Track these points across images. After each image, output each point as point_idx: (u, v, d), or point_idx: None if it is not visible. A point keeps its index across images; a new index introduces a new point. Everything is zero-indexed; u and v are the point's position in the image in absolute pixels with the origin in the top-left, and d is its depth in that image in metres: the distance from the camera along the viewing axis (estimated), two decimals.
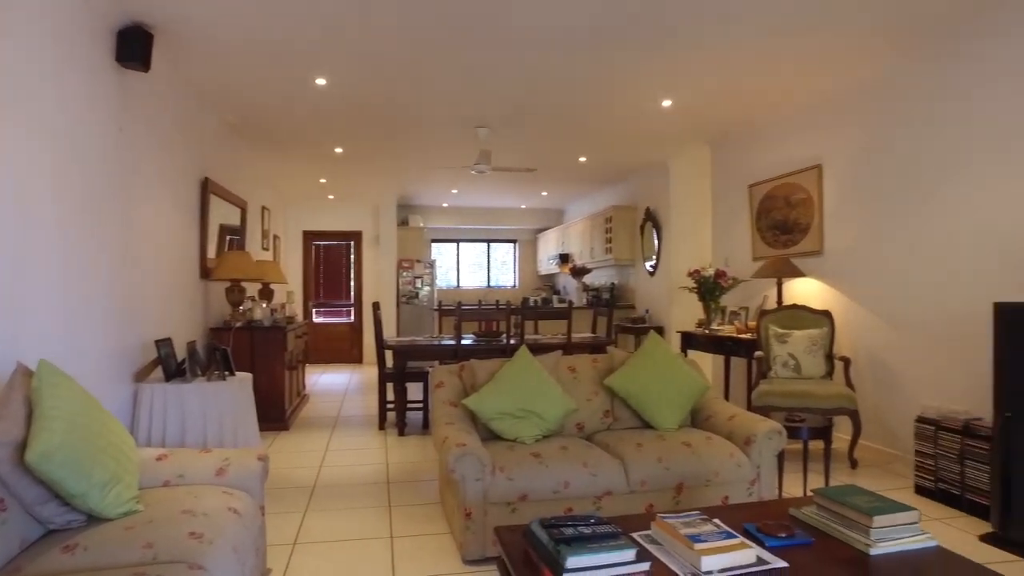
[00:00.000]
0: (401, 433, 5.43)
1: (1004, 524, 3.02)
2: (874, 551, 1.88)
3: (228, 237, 6.10)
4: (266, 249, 8.44)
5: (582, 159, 7.66)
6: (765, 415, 3.71)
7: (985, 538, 3.10)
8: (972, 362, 3.73)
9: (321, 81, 4.72)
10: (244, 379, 4.11)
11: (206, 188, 5.23)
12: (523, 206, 11.88)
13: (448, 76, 4.65)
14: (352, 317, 11.03)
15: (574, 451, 3.09)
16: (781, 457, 3.37)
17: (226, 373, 4.03)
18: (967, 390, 3.77)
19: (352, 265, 11.04)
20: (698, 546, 1.77)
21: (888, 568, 1.82)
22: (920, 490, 3.76)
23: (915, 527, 1.95)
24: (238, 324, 5.40)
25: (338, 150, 7.07)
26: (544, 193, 10.32)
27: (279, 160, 7.56)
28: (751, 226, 5.98)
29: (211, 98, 5.14)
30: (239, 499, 2.31)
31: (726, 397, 6.11)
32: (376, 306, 5.82)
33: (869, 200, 4.60)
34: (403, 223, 11.18)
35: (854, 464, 4.35)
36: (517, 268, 12.85)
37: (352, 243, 11.01)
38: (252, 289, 6.71)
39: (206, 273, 5.25)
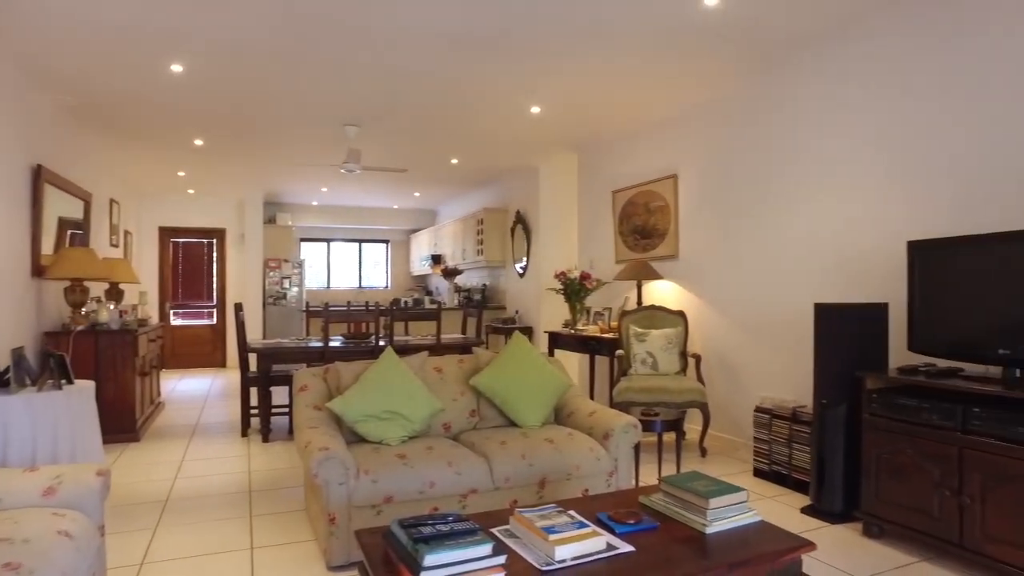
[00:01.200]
0: (265, 439, 5.22)
1: (819, 497, 3.43)
2: (709, 530, 2.07)
3: (69, 232, 5.57)
4: (115, 246, 7.78)
5: (454, 161, 7.72)
6: (625, 410, 3.94)
7: (805, 510, 3.49)
8: (802, 357, 4.18)
9: (177, 68, 4.43)
10: (85, 388, 3.77)
11: (39, 176, 4.75)
12: (395, 206, 11.76)
13: (314, 71, 4.53)
14: (215, 319, 10.41)
15: (440, 451, 3.13)
16: (637, 449, 3.59)
17: (62, 382, 3.69)
18: (798, 382, 4.21)
19: (215, 264, 10.41)
20: (552, 537, 1.87)
21: (719, 543, 2.01)
22: (758, 472, 4.16)
23: (744, 506, 2.16)
24: (80, 327, 4.95)
25: (198, 142, 6.65)
26: (416, 194, 10.28)
27: (131, 150, 6.99)
28: (614, 230, 6.30)
29: (44, 77, 4.66)
30: (72, 520, 2.13)
31: (591, 394, 6.40)
32: (239, 307, 5.54)
33: (717, 209, 5.01)
34: (270, 221, 10.70)
35: (704, 452, 4.71)
36: (390, 269, 12.70)
37: (215, 241, 10.39)
38: (98, 289, 6.17)
39: (39, 271, 4.76)
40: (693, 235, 5.29)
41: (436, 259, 10.72)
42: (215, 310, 10.41)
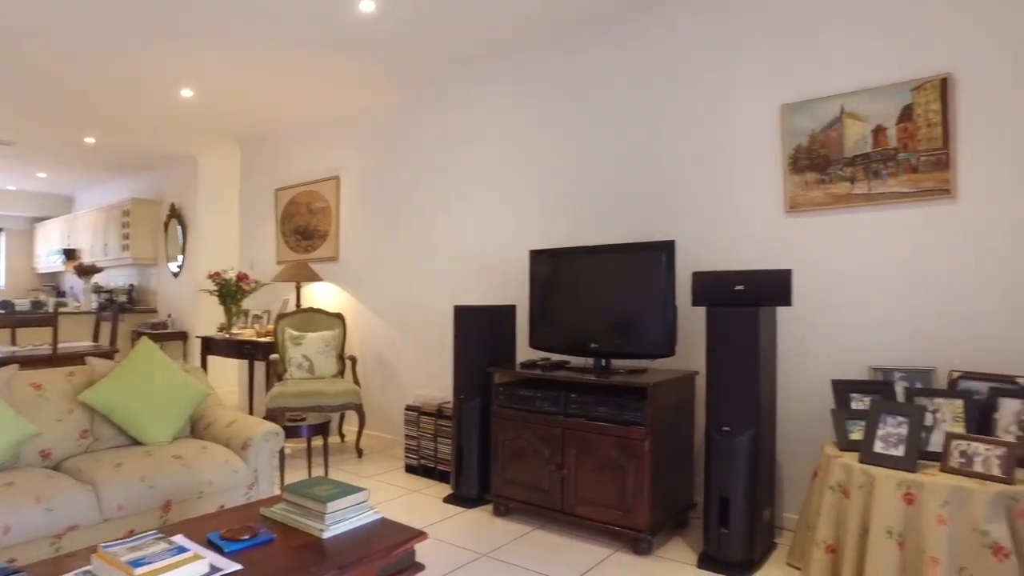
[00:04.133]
0: None
1: (458, 485, 3.71)
2: (327, 534, 2.06)
3: None
4: None
5: (90, 140, 6.59)
6: (279, 416, 3.76)
7: (447, 499, 3.75)
8: (449, 356, 4.49)
9: None
10: None
11: None
12: (12, 187, 9.62)
13: None
14: None
15: (24, 485, 2.59)
16: (282, 457, 3.46)
17: None
18: (445, 380, 4.51)
19: None
20: (139, 571, 1.66)
21: (335, 546, 2.01)
22: (409, 468, 4.33)
23: (364, 506, 2.20)
24: None
25: None
26: (42, 175, 8.55)
27: None
28: (276, 230, 6.03)
29: None
30: None
31: (251, 403, 6.02)
32: None
33: (375, 213, 5.12)
34: None
35: (360, 453, 4.76)
36: (5, 264, 10.35)
37: None
38: None
39: None
40: (353, 238, 5.33)
41: (69, 254, 9.05)
42: None
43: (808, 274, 3.13)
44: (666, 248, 3.16)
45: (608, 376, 3.17)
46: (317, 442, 4.84)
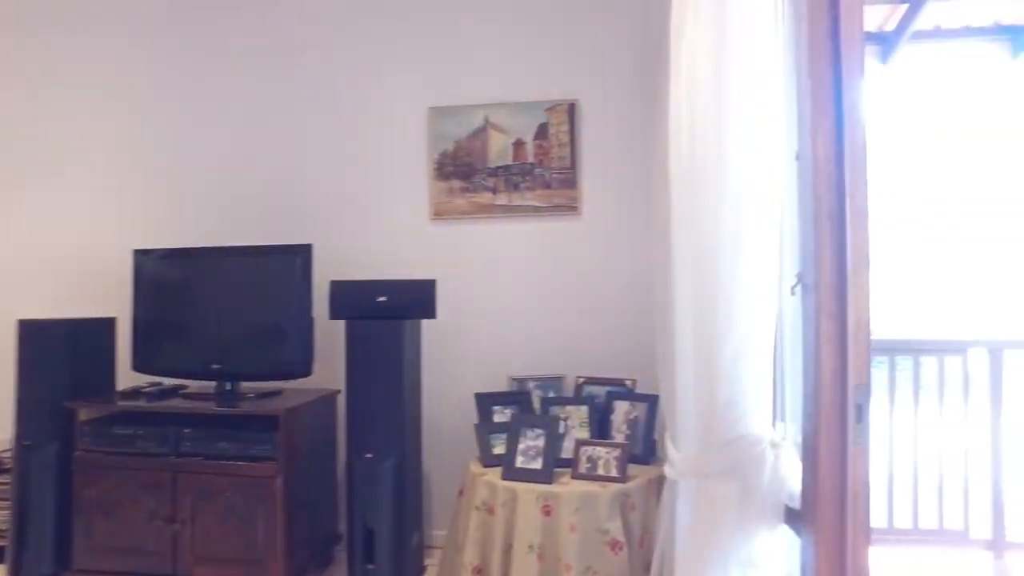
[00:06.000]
0: None
1: (21, 564, 2.74)
2: None
3: None
4: None
5: None
6: None
7: None
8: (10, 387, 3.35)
9: None
10: None
11: None
12: None
13: None
14: None
15: None
16: None
17: None
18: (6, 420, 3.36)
19: None
20: None
21: None
22: None
23: None
24: None
25: None
26: None
27: None
28: None
29: None
30: None
31: None
32: None
33: None
34: None
35: None
36: None
37: None
38: None
39: None
40: None
41: None
42: None
43: (453, 284, 3.05)
44: (302, 252, 2.77)
45: (233, 403, 2.66)
46: None
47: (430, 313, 2.64)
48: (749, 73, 1.68)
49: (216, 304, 2.81)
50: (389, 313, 2.58)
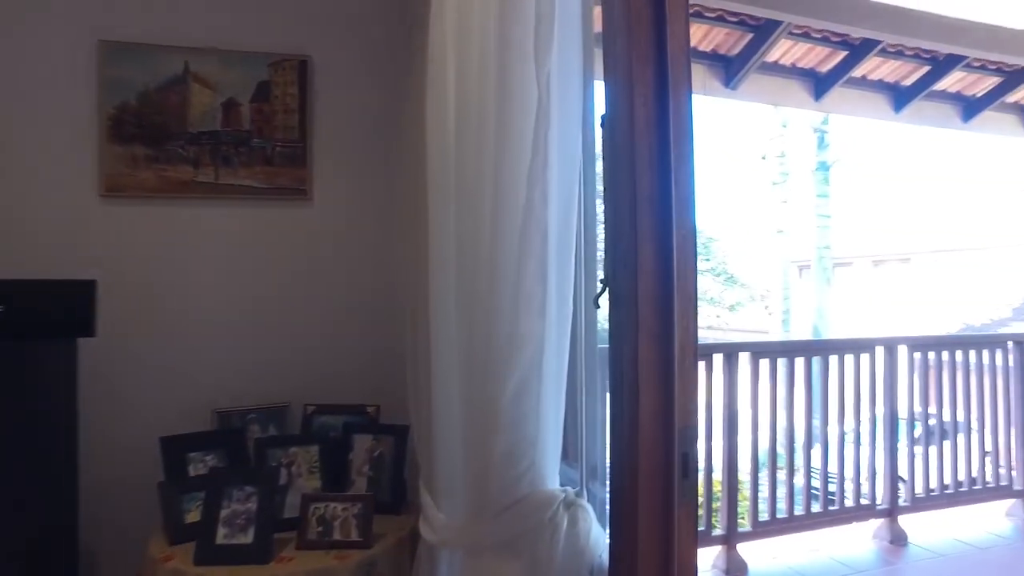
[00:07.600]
0: None
1: None
2: None
3: None
4: None
5: None
6: None
7: None
8: None
9: None
10: None
11: None
12: None
13: None
14: None
15: None
16: None
17: None
18: None
19: None
20: None
21: None
22: None
23: None
24: None
25: None
26: None
27: None
28: None
29: None
30: None
31: None
32: None
33: None
34: None
35: None
36: None
37: None
38: None
39: None
40: None
41: None
42: None
43: (132, 288, 2.23)
44: None
45: None
46: None
47: (86, 329, 1.82)
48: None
49: None
50: (13, 329, 1.72)
